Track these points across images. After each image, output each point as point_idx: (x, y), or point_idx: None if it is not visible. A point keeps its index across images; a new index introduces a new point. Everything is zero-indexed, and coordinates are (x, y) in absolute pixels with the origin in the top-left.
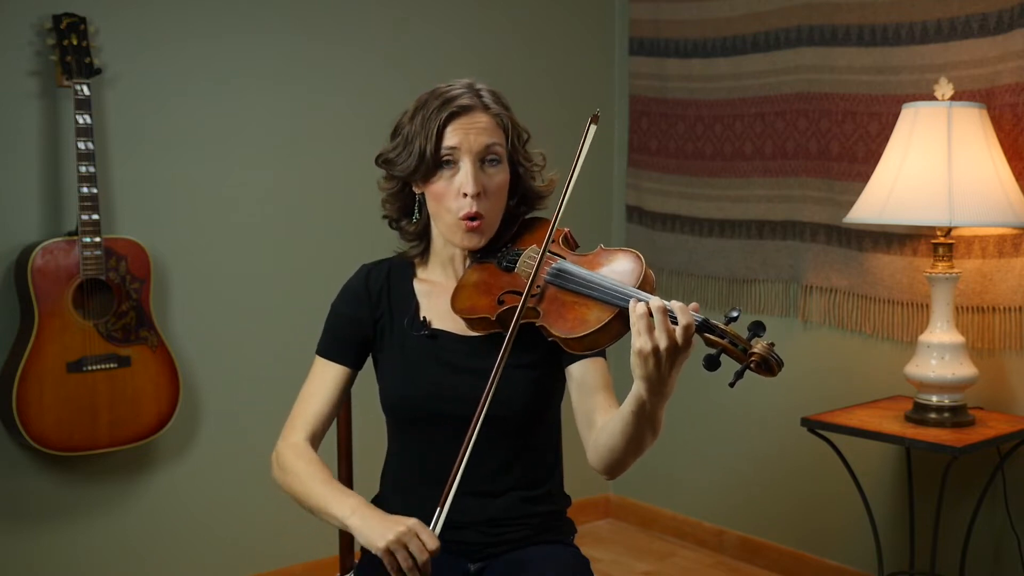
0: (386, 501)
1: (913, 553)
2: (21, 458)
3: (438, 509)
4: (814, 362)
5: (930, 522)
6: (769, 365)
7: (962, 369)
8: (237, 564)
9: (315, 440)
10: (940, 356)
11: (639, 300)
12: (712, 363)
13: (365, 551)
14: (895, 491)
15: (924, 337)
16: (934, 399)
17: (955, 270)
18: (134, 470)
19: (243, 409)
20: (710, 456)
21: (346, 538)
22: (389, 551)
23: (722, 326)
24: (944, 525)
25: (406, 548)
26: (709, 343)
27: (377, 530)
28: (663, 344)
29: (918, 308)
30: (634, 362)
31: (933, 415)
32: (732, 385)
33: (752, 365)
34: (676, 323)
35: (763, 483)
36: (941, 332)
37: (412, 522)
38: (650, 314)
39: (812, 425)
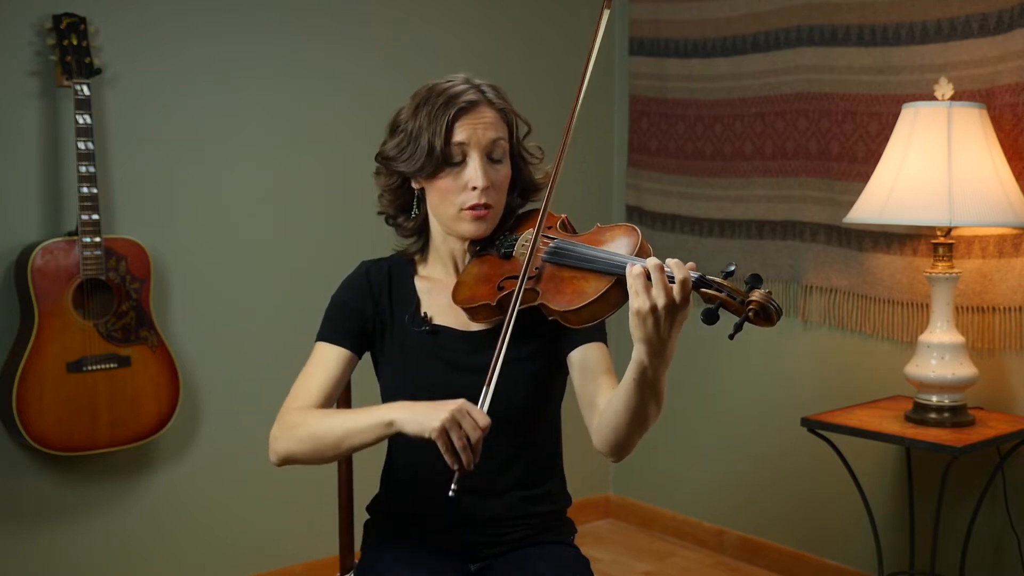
0: (386, 501)
1: (913, 553)
2: (21, 458)
3: (484, 388)
4: (814, 362)
5: (930, 522)
6: (768, 313)
7: (962, 369)
8: (237, 564)
9: None
10: (940, 356)
11: (635, 263)
12: (711, 317)
13: (365, 551)
14: (895, 491)
15: (924, 337)
16: (934, 399)
17: (955, 270)
18: (134, 470)
19: (243, 409)
20: (710, 456)
21: (346, 538)
22: (444, 430)
23: (719, 280)
24: (944, 525)
25: (460, 426)
26: (707, 298)
27: (429, 413)
28: (661, 302)
29: (918, 308)
30: (633, 324)
31: (933, 415)
32: (732, 337)
33: (751, 315)
34: (673, 280)
35: (763, 483)
36: (941, 332)
37: (461, 401)
38: (647, 275)
39: (812, 425)
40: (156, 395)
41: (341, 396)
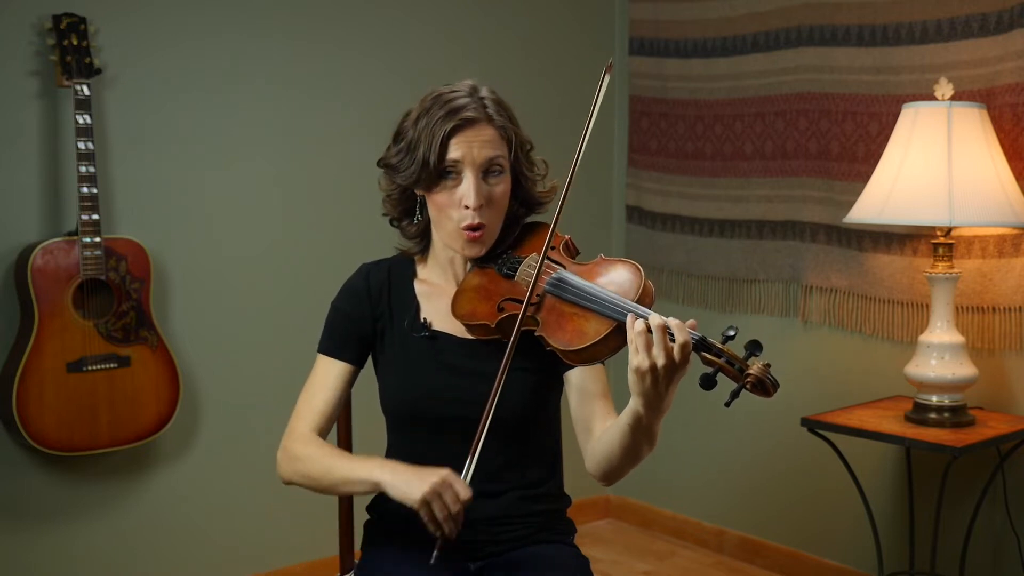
0: (387, 500)
1: (913, 553)
2: (21, 458)
3: (468, 459)
4: (814, 362)
5: (930, 522)
6: (765, 387)
7: (962, 369)
8: (237, 564)
9: (320, 435)
10: (940, 356)
11: (638, 316)
12: (708, 383)
13: (365, 551)
14: (895, 491)
15: (924, 337)
16: (934, 399)
17: (955, 270)
18: (134, 470)
19: (243, 409)
20: (710, 456)
21: (346, 538)
22: (426, 502)
23: (719, 345)
24: (944, 525)
25: (441, 498)
26: (706, 362)
27: (413, 483)
28: (661, 362)
29: (918, 308)
30: (632, 379)
31: (933, 415)
32: (728, 405)
33: (748, 386)
34: (674, 340)
35: (763, 483)
36: (941, 332)
37: (444, 472)
38: (648, 331)
39: (812, 425)
40: (156, 395)
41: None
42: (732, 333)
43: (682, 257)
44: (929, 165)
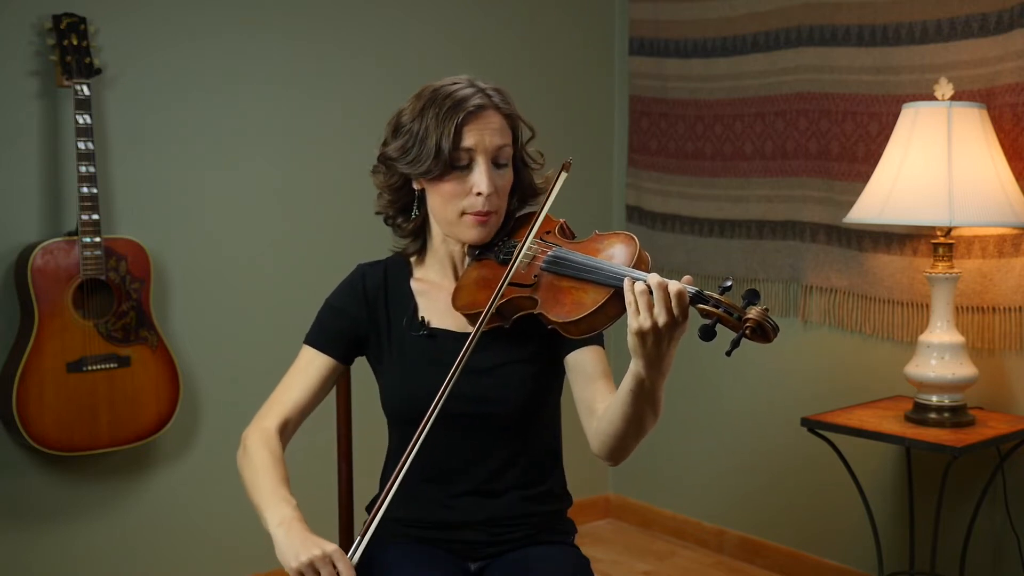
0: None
1: (913, 553)
2: (21, 458)
3: (358, 538)
4: (814, 362)
5: (930, 522)
6: (764, 331)
7: (962, 369)
8: (237, 564)
9: (287, 428)
10: (940, 356)
11: (634, 279)
12: (708, 333)
13: (366, 551)
14: (895, 491)
15: (924, 337)
16: (934, 399)
17: (955, 270)
18: (134, 470)
19: (243, 409)
20: (710, 456)
21: (346, 538)
22: (300, 573)
23: (716, 296)
24: (944, 525)
25: (317, 574)
26: (704, 314)
27: (294, 548)
28: (662, 320)
29: (918, 308)
30: (632, 341)
31: (933, 415)
32: (729, 354)
33: (747, 332)
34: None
35: (763, 483)
36: (941, 332)
37: (331, 548)
38: (648, 291)
39: (812, 425)
40: (156, 395)
41: (342, 399)
42: (728, 284)
43: (682, 257)
44: (929, 165)
